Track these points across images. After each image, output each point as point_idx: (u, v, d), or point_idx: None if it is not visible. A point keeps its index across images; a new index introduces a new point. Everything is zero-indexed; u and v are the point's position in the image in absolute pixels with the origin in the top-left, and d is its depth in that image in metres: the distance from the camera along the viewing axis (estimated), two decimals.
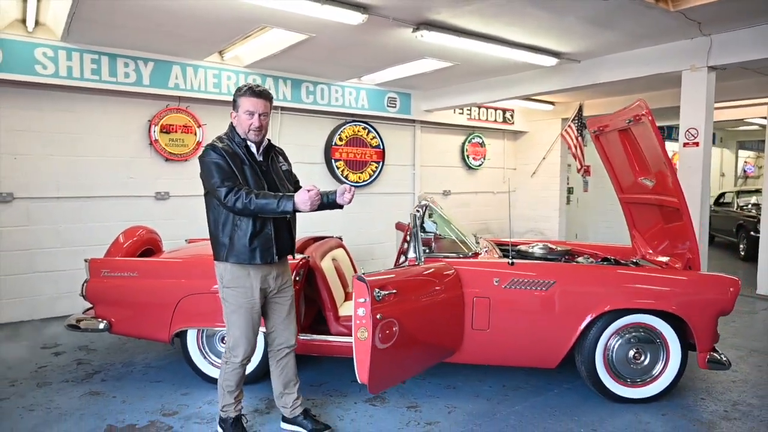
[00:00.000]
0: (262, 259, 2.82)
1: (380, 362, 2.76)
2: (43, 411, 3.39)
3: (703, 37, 5.03)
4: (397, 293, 2.89)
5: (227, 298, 2.89)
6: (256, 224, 2.80)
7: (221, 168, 2.73)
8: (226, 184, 2.70)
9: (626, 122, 4.06)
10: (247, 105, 2.80)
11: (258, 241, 2.81)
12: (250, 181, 2.80)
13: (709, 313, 3.44)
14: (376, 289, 2.74)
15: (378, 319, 2.71)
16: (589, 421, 3.34)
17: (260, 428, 3.20)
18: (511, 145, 10.03)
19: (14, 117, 5.32)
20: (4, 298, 5.34)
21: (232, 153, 2.78)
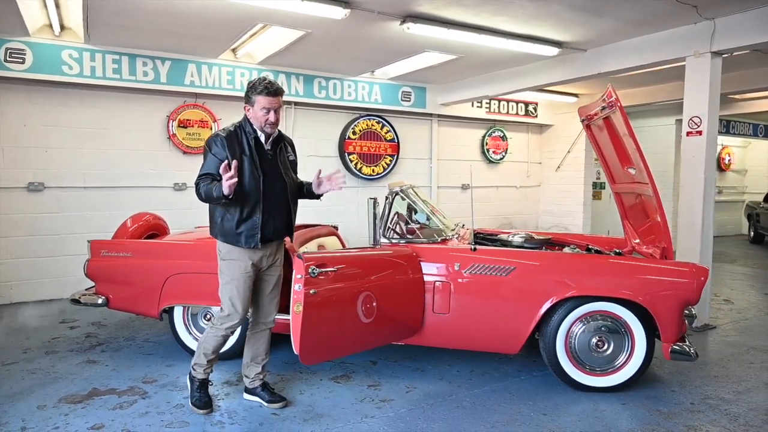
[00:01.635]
0: (246, 244, 3.01)
1: (312, 335, 2.92)
2: (43, 374, 3.78)
3: (707, 22, 4.84)
4: (337, 272, 3.04)
5: (223, 269, 3.09)
6: (243, 211, 2.99)
7: (209, 163, 2.95)
8: (199, 177, 2.94)
9: (600, 109, 4.03)
10: (263, 103, 2.97)
11: (244, 227, 3.00)
12: (245, 170, 2.97)
13: (673, 303, 3.37)
14: (311, 267, 2.90)
15: (311, 294, 2.88)
16: (544, 406, 3.36)
17: (226, 397, 3.43)
18: (535, 138, 9.88)
19: (45, 113, 5.85)
20: (37, 278, 5.88)
21: (233, 139, 2.97)
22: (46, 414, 3.16)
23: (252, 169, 2.99)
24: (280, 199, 3.12)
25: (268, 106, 2.97)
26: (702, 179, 4.96)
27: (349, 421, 3.13)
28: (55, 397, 3.39)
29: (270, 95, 2.96)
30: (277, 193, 3.10)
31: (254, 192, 2.99)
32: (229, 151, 2.93)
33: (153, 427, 3.03)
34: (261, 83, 2.98)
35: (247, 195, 2.98)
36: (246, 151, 2.99)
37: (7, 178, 5.70)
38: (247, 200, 2.99)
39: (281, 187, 3.12)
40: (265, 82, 2.99)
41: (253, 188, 2.99)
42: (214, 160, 2.93)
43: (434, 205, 4.77)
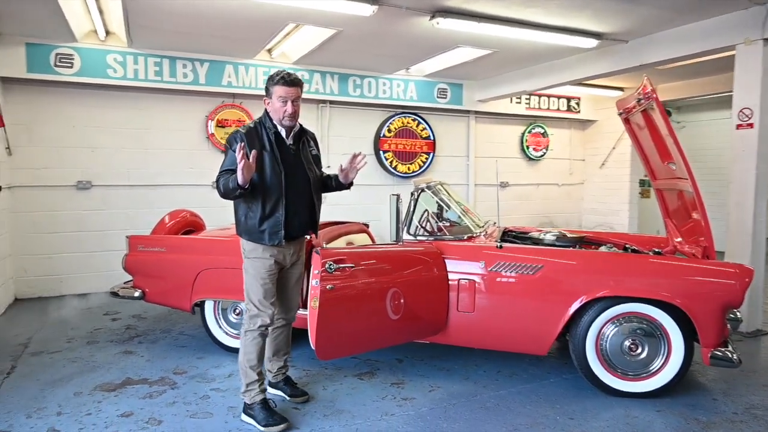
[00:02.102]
0: (270, 241, 2.96)
1: (328, 331, 2.91)
2: (82, 363, 3.95)
3: (758, 7, 4.54)
4: (356, 268, 3.02)
5: (248, 268, 3.03)
6: (266, 208, 2.94)
7: (226, 160, 2.95)
8: (220, 173, 2.92)
9: (637, 101, 3.86)
10: (280, 92, 2.93)
11: (267, 224, 2.95)
12: (267, 166, 2.93)
13: (714, 305, 3.17)
14: (328, 262, 2.89)
15: (328, 289, 2.87)
16: (572, 410, 3.23)
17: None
18: (578, 134, 9.57)
19: (91, 115, 6.13)
20: (84, 272, 6.17)
21: (253, 135, 2.93)
22: (81, 400, 3.30)
23: (273, 164, 2.94)
24: (304, 195, 3.07)
25: (285, 96, 2.92)
26: (753, 175, 4.66)
27: (368, 418, 3.12)
28: (91, 385, 3.53)
29: (287, 85, 2.92)
30: (301, 188, 3.05)
31: (276, 188, 2.94)
32: (248, 147, 2.87)
33: (178, 416, 3.11)
34: (279, 74, 2.94)
35: (268, 191, 2.94)
36: (266, 147, 2.95)
37: (57, 177, 6.01)
38: (269, 196, 2.95)
39: (304, 183, 3.07)
40: (283, 72, 2.95)
41: (275, 184, 2.94)
42: (234, 156, 2.84)
43: (464, 202, 4.69)
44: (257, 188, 2.92)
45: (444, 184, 4.70)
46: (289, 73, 2.96)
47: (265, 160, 2.94)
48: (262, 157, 2.93)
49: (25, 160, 5.85)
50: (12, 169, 5.78)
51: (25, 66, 5.56)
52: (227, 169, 2.91)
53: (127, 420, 3.05)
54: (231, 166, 2.88)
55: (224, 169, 2.93)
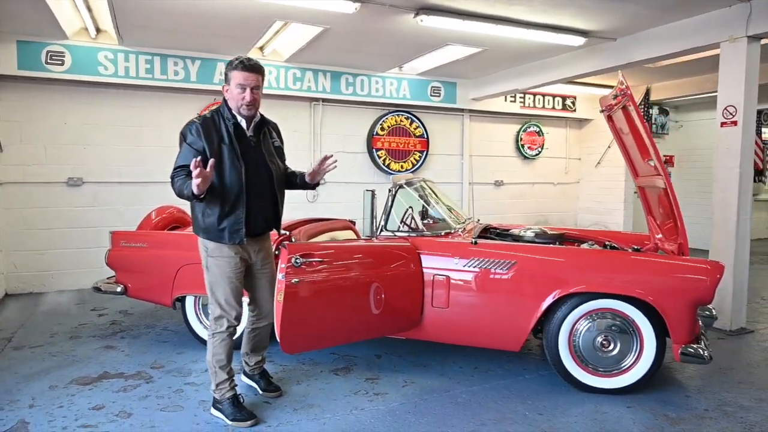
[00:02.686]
0: (230, 240, 2.84)
1: (293, 325, 2.92)
2: (62, 357, 3.99)
3: (742, 4, 4.52)
4: (324, 262, 3.04)
5: (211, 267, 2.90)
6: (225, 205, 2.81)
7: (184, 154, 2.76)
8: (176, 169, 2.76)
9: (613, 98, 3.86)
10: (238, 78, 2.76)
11: (227, 222, 2.81)
12: (225, 160, 2.78)
13: (684, 301, 3.16)
14: (295, 256, 2.91)
15: (293, 283, 2.88)
16: (542, 406, 3.23)
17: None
18: (574, 133, 9.54)
19: (83, 112, 6.18)
20: (75, 268, 6.22)
21: (210, 126, 2.78)
22: (55, 394, 3.33)
23: (233, 158, 2.79)
24: (266, 190, 2.95)
25: (243, 82, 2.75)
26: (737, 173, 4.64)
27: (338, 412, 3.13)
28: (67, 379, 3.57)
29: (246, 70, 2.75)
30: (262, 183, 2.93)
31: (236, 183, 2.80)
32: (205, 139, 2.74)
33: (149, 410, 3.14)
34: (238, 58, 2.79)
35: (228, 187, 2.79)
36: (225, 139, 2.79)
37: (49, 173, 6.07)
38: (228, 193, 2.80)
39: (266, 177, 2.95)
40: (243, 57, 2.79)
41: (234, 180, 2.80)
42: (189, 150, 2.74)
43: (449, 200, 4.69)
44: (215, 184, 2.75)
45: (428, 182, 4.70)
46: (249, 58, 2.80)
47: (224, 154, 2.78)
48: (221, 150, 2.78)
49: (16, 157, 5.91)
50: (3, 165, 5.85)
51: (17, 63, 5.62)
52: (182, 165, 2.73)
53: (98, 413, 3.08)
54: (185, 162, 2.68)
55: (179, 165, 2.75)
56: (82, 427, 2.92)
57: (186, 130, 2.82)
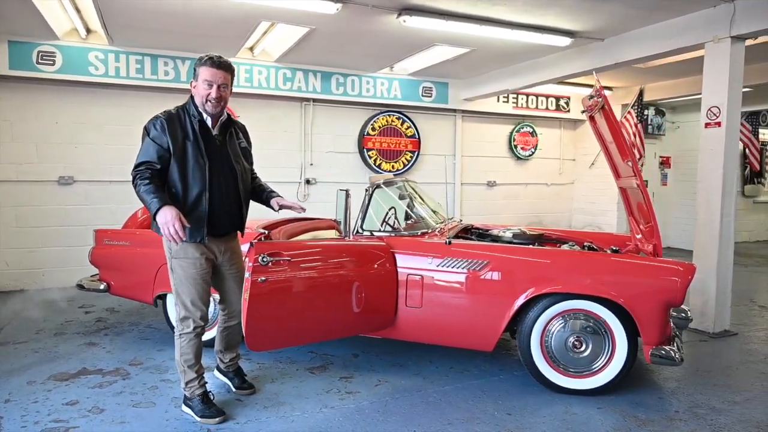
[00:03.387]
0: (191, 238, 2.80)
1: (259, 323, 2.94)
2: (44, 354, 4.04)
3: (726, 5, 4.50)
4: (292, 261, 3.06)
5: (175, 268, 2.90)
6: (187, 202, 2.78)
7: (147, 152, 2.73)
8: (138, 166, 2.72)
9: (589, 99, 3.86)
10: (205, 74, 2.77)
11: (189, 219, 2.74)
12: (189, 156, 2.78)
13: (654, 303, 3.16)
14: (261, 255, 2.93)
15: (259, 282, 2.91)
16: (512, 406, 3.24)
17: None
18: (568, 134, 9.53)
19: (75, 111, 6.24)
20: (66, 265, 6.28)
21: (174, 122, 2.77)
22: (32, 389, 3.37)
23: (196, 155, 2.78)
24: (230, 189, 2.95)
25: (210, 79, 2.76)
26: (720, 174, 4.62)
27: (307, 410, 3.15)
28: (45, 375, 3.61)
29: (214, 67, 2.77)
30: (226, 182, 2.92)
31: (199, 181, 2.79)
32: (170, 135, 2.72)
33: (121, 405, 3.17)
34: (209, 55, 2.81)
35: (190, 184, 2.78)
36: (189, 136, 2.78)
37: (40, 172, 6.13)
38: (190, 190, 2.78)
39: (231, 176, 2.94)
40: (213, 54, 2.82)
41: (197, 177, 2.79)
42: (152, 146, 2.72)
43: (427, 199, 4.70)
44: (177, 179, 2.76)
45: (410, 182, 4.72)
46: (220, 57, 2.83)
47: (188, 150, 2.77)
48: (185, 146, 2.77)
49: (8, 156, 5.97)
50: None
51: (8, 63, 5.68)
52: (144, 162, 2.71)
53: (71, 408, 3.12)
54: (149, 159, 2.70)
55: (141, 161, 2.72)
56: (54, 422, 2.95)
57: (150, 124, 2.79)
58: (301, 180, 7.45)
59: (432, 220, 4.30)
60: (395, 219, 4.39)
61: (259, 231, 4.07)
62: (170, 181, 2.81)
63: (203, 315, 2.96)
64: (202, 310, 2.95)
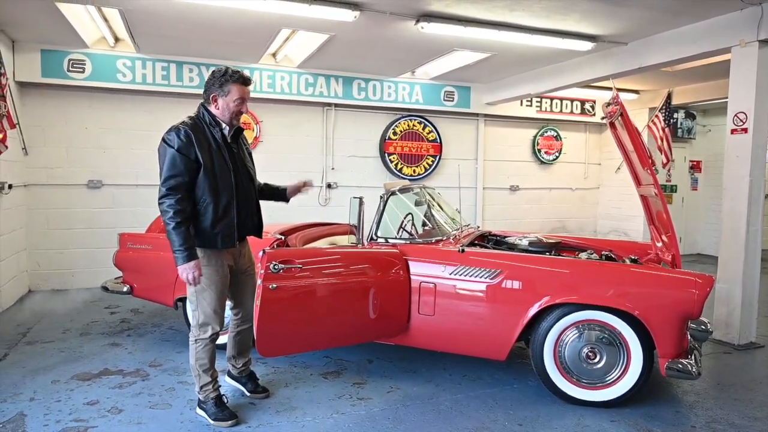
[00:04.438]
0: (223, 245, 2.92)
1: (270, 330, 2.99)
2: (70, 353, 4.18)
3: (754, 8, 4.37)
4: (304, 269, 3.10)
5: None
6: (218, 210, 2.86)
7: (173, 164, 2.75)
8: (168, 186, 2.74)
9: (606, 106, 3.81)
10: (239, 92, 2.86)
11: (220, 227, 2.88)
12: (215, 162, 2.83)
13: (671, 315, 3.09)
14: (273, 263, 2.98)
15: (271, 289, 2.95)
16: (523, 416, 3.21)
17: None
18: (594, 138, 9.37)
19: (103, 117, 6.44)
20: (93, 267, 6.47)
21: (199, 132, 2.82)
22: (56, 388, 3.50)
23: (222, 163, 2.86)
24: (250, 194, 3.09)
25: (242, 95, 2.88)
26: (747, 182, 4.49)
27: (318, 416, 3.18)
28: (69, 374, 3.74)
29: (246, 84, 2.90)
30: (247, 187, 3.06)
31: (228, 188, 2.89)
32: (197, 145, 2.77)
33: (139, 406, 3.26)
34: (234, 72, 2.87)
35: (220, 192, 2.86)
36: (214, 145, 2.86)
37: (69, 176, 6.34)
38: (220, 198, 2.87)
39: (249, 181, 3.08)
40: (237, 70, 2.90)
41: (226, 185, 2.88)
42: (179, 157, 2.72)
43: (444, 205, 4.69)
44: (206, 189, 2.82)
45: (427, 188, 4.72)
46: (242, 71, 2.93)
47: (214, 159, 2.84)
48: (212, 156, 2.84)
49: (39, 160, 6.20)
50: (28, 168, 6.14)
51: (40, 71, 5.90)
52: (174, 175, 2.74)
53: (91, 408, 3.22)
54: (176, 172, 2.74)
55: (170, 174, 2.74)
56: (74, 421, 3.06)
57: (172, 135, 2.79)
58: (323, 184, 7.51)
59: (448, 226, 4.30)
60: (413, 225, 4.41)
61: (276, 236, 4.15)
62: (199, 193, 2.85)
63: (221, 320, 3.04)
64: (221, 316, 3.03)
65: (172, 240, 2.77)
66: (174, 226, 2.75)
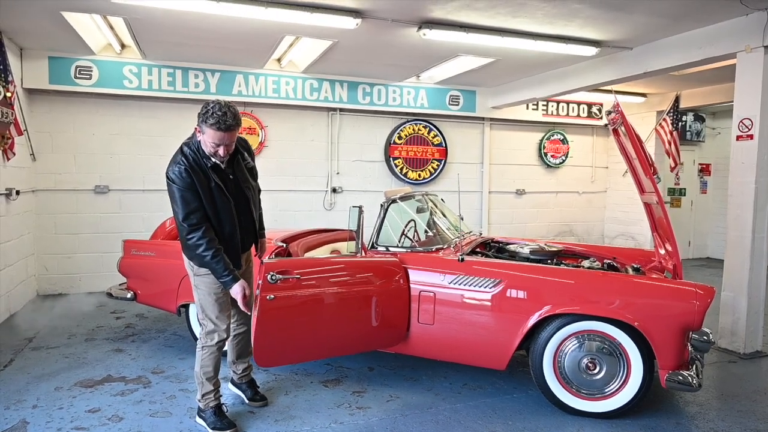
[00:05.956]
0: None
1: (267, 340, 3.00)
2: (74, 359, 4.23)
3: (759, 13, 4.32)
4: (301, 279, 3.11)
5: (200, 285, 3.02)
6: (223, 238, 2.91)
7: (186, 201, 2.78)
8: (191, 221, 2.79)
9: (607, 114, 3.78)
10: (213, 138, 2.74)
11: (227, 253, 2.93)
12: (216, 199, 2.86)
13: (671, 326, 3.07)
14: (270, 273, 2.99)
15: (268, 300, 2.97)
16: (522, 427, 3.20)
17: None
18: (601, 141, 9.30)
19: (110, 123, 6.50)
20: (101, 271, 6.54)
21: (197, 170, 2.80)
22: (59, 395, 3.54)
23: (221, 197, 2.89)
24: (248, 215, 3.11)
25: (217, 141, 2.74)
26: (753, 189, 4.44)
27: (317, 425, 3.19)
28: (72, 381, 3.78)
29: (221, 131, 2.70)
30: (245, 211, 3.08)
31: (229, 219, 2.94)
32: (198, 184, 2.78)
33: (140, 414, 3.29)
34: (214, 113, 2.69)
35: (223, 223, 2.92)
36: (211, 180, 2.85)
37: (77, 181, 6.41)
38: (224, 228, 2.93)
39: (246, 205, 3.08)
40: (219, 112, 2.69)
41: (227, 217, 2.93)
42: (188, 192, 2.77)
43: (447, 212, 4.69)
44: (210, 221, 2.88)
45: (430, 195, 4.72)
46: (225, 114, 2.70)
47: (214, 194, 2.87)
48: (211, 191, 2.85)
49: (47, 166, 6.27)
50: (36, 173, 6.22)
51: (48, 78, 5.98)
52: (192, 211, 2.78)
53: (92, 416, 3.26)
54: (191, 209, 2.78)
55: (187, 212, 2.78)
56: (75, 429, 3.09)
57: (175, 174, 2.80)
58: (328, 189, 7.53)
59: (450, 233, 4.30)
60: (415, 232, 4.40)
61: (278, 244, 4.16)
62: None
63: (227, 326, 3.08)
64: (226, 323, 3.08)
65: (214, 269, 2.87)
66: (211, 257, 2.84)
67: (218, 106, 2.73)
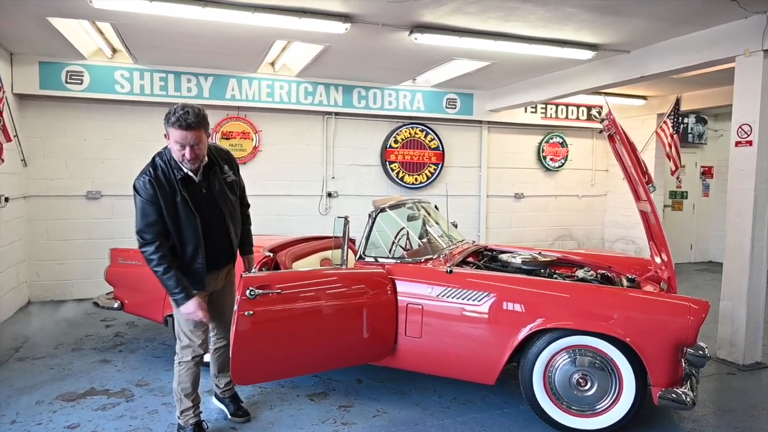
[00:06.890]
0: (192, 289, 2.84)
1: (245, 357, 2.92)
2: (59, 370, 4.16)
3: (758, 16, 4.21)
4: (282, 293, 3.02)
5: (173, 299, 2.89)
6: (185, 257, 2.81)
7: (145, 213, 2.70)
8: (146, 235, 2.71)
9: (601, 121, 3.69)
10: (176, 136, 2.63)
11: (189, 272, 2.84)
12: (180, 214, 2.74)
13: (664, 342, 2.97)
14: (249, 288, 2.91)
15: (246, 316, 2.89)
16: None
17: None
18: (601, 144, 9.18)
19: (102, 128, 6.44)
20: (93, 277, 6.45)
21: (163, 182, 2.71)
22: (39, 409, 3.47)
23: (187, 212, 2.75)
24: (221, 231, 2.95)
25: (180, 141, 2.62)
26: (752, 196, 4.33)
27: None
28: (55, 394, 3.71)
29: (181, 129, 2.59)
30: (216, 226, 2.92)
31: (192, 237, 2.79)
32: (160, 194, 2.68)
33: (119, 430, 3.22)
34: (176, 112, 2.61)
35: (185, 241, 2.79)
36: (177, 193, 2.72)
37: (69, 187, 6.36)
38: (185, 246, 2.80)
39: (220, 221, 2.93)
40: (180, 111, 2.60)
41: (191, 234, 2.78)
42: (148, 206, 2.69)
43: (441, 220, 4.60)
44: (172, 237, 2.77)
45: (423, 203, 4.64)
46: (187, 112, 2.61)
47: (179, 209, 2.74)
48: (175, 204, 2.73)
49: (39, 171, 6.22)
50: (28, 179, 6.16)
51: (38, 83, 5.92)
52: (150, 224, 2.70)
53: None
54: (147, 222, 2.71)
55: (144, 225, 2.71)
56: None
57: (140, 184, 2.74)
58: (323, 193, 7.46)
59: (442, 242, 4.21)
60: (408, 241, 4.32)
61: (265, 254, 4.08)
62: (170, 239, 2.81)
63: (203, 342, 3.00)
64: (201, 338, 3.00)
65: (165, 285, 2.79)
66: (162, 272, 2.76)
67: (180, 106, 2.66)
